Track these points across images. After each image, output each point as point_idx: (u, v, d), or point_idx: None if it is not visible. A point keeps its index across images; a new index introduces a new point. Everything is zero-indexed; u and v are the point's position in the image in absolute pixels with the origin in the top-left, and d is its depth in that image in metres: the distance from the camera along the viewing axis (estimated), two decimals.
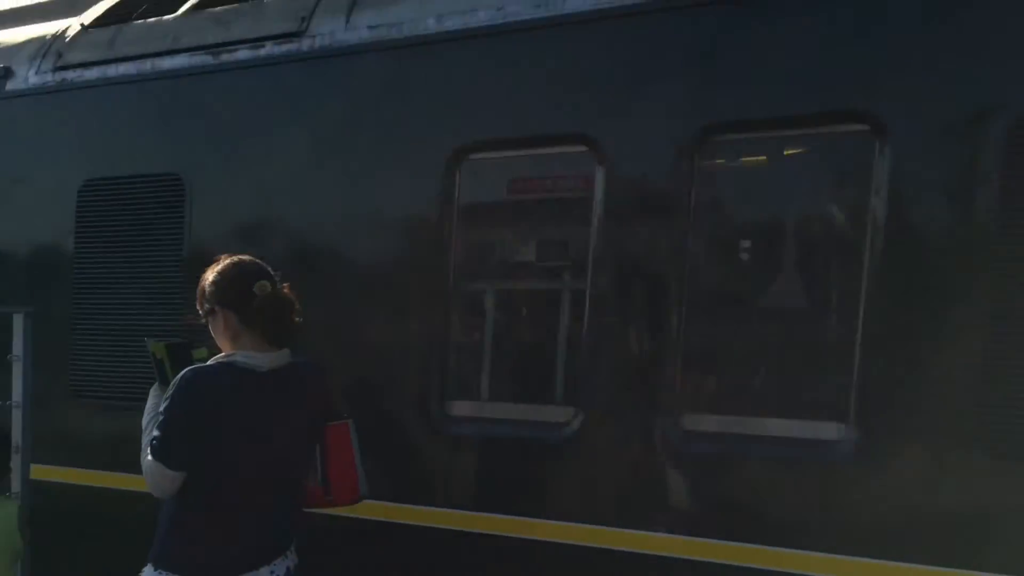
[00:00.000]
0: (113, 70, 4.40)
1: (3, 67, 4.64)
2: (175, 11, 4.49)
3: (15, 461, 4.01)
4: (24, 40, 4.83)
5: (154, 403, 2.95)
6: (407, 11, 3.82)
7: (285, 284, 2.88)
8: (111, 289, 4.32)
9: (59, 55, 4.60)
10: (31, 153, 4.54)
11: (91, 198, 4.37)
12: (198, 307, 2.93)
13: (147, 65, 4.33)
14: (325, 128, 3.89)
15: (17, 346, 3.98)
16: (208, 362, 2.85)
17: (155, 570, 2.85)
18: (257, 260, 2.92)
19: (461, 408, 3.69)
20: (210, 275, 2.91)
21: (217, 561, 2.80)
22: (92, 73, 4.45)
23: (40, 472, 4.12)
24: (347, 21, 3.93)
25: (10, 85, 4.66)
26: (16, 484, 3.98)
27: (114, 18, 4.67)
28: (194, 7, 4.43)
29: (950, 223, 2.92)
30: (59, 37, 4.71)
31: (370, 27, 3.87)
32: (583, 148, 3.45)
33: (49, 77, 4.57)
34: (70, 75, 4.48)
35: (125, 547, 3.07)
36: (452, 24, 3.70)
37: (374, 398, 3.72)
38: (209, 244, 4.08)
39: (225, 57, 4.14)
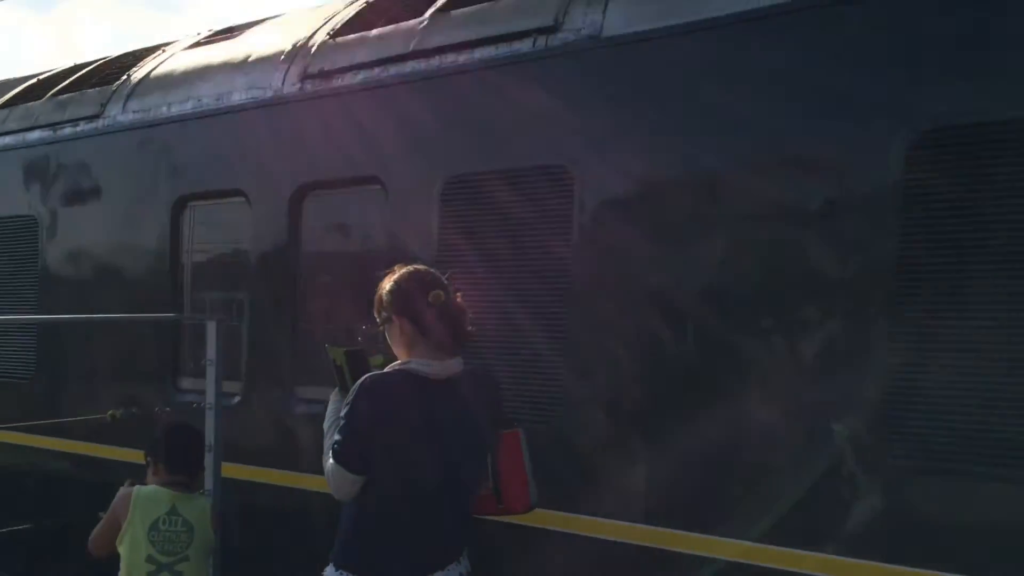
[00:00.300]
0: (1, 141, 6.24)
1: None
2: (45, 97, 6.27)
3: (208, 460, 4.20)
4: None
5: (335, 408, 3.02)
6: (153, 101, 5.42)
7: (458, 293, 2.97)
8: None
9: None
10: None
11: None
12: (375, 315, 3.03)
13: (20, 137, 6.13)
14: (115, 183, 5.55)
15: (210, 351, 4.26)
16: (385, 369, 2.93)
17: (336, 570, 2.91)
18: (432, 270, 3.03)
19: None
20: (387, 284, 2.98)
21: (393, 564, 2.86)
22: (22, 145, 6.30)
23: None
24: (124, 107, 5.57)
25: None
26: (209, 482, 4.24)
27: (14, 100, 6.50)
28: (52, 95, 6.18)
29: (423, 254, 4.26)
30: None
31: (134, 112, 5.49)
32: (242, 199, 4.95)
33: None
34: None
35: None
36: (176, 110, 5.28)
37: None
38: (56, 270, 5.87)
39: (59, 132, 5.88)
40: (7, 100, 6.59)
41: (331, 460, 2.85)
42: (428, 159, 4.20)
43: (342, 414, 2.83)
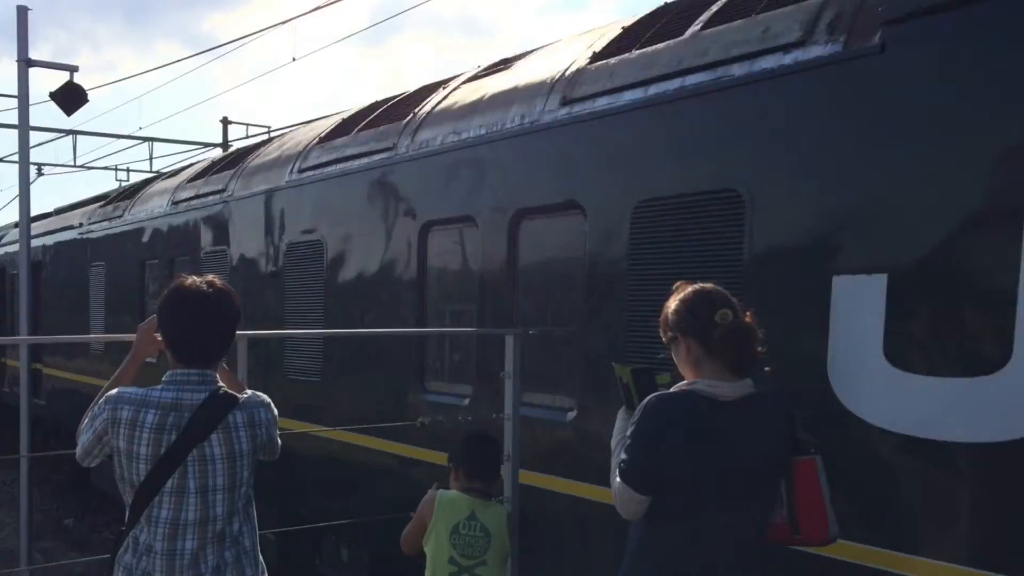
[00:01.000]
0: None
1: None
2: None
3: (506, 469, 4.30)
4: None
5: (622, 426, 3.00)
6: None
7: (748, 312, 2.88)
8: None
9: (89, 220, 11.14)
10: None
11: None
12: (661, 334, 2.99)
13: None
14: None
15: (508, 364, 4.34)
16: (671, 389, 2.88)
17: None
18: (719, 288, 2.93)
19: None
20: (672, 303, 2.94)
21: None
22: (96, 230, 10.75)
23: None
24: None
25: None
26: (507, 490, 4.32)
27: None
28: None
29: None
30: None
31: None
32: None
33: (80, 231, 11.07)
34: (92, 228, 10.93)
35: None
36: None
37: None
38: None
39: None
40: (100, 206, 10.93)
41: (618, 479, 2.85)
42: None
43: (628, 433, 2.84)
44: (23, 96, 8.71)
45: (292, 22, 13.92)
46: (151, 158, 22.20)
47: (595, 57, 4.67)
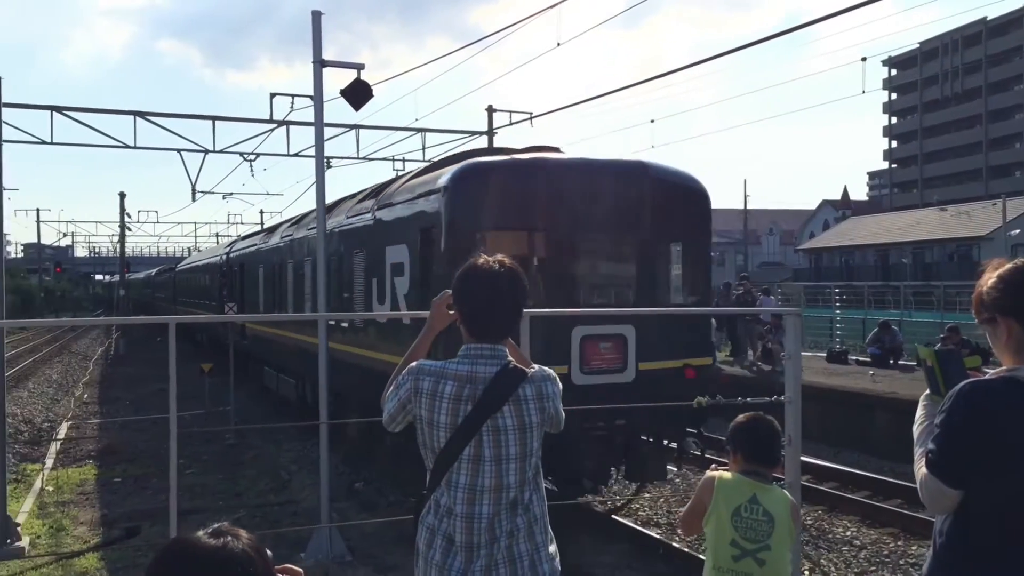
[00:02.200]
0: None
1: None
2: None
3: (788, 452, 4.25)
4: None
5: (925, 412, 2.80)
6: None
7: None
8: None
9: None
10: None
11: None
12: (974, 313, 2.78)
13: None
14: None
15: (789, 345, 4.41)
16: (988, 375, 2.66)
17: None
18: None
19: None
20: (988, 280, 2.68)
21: None
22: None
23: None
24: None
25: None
26: (789, 474, 4.33)
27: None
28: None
29: None
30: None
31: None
32: None
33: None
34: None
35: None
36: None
37: None
38: None
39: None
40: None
41: (924, 470, 2.62)
42: None
43: (937, 421, 2.61)
44: (318, 95, 9.41)
45: (558, 7, 13.99)
46: (423, 148, 23.51)
47: (358, 201, 12.95)
